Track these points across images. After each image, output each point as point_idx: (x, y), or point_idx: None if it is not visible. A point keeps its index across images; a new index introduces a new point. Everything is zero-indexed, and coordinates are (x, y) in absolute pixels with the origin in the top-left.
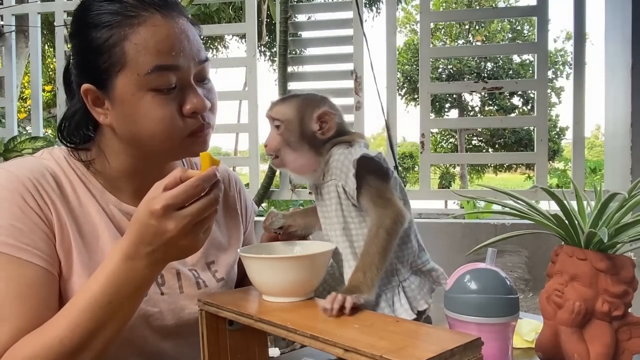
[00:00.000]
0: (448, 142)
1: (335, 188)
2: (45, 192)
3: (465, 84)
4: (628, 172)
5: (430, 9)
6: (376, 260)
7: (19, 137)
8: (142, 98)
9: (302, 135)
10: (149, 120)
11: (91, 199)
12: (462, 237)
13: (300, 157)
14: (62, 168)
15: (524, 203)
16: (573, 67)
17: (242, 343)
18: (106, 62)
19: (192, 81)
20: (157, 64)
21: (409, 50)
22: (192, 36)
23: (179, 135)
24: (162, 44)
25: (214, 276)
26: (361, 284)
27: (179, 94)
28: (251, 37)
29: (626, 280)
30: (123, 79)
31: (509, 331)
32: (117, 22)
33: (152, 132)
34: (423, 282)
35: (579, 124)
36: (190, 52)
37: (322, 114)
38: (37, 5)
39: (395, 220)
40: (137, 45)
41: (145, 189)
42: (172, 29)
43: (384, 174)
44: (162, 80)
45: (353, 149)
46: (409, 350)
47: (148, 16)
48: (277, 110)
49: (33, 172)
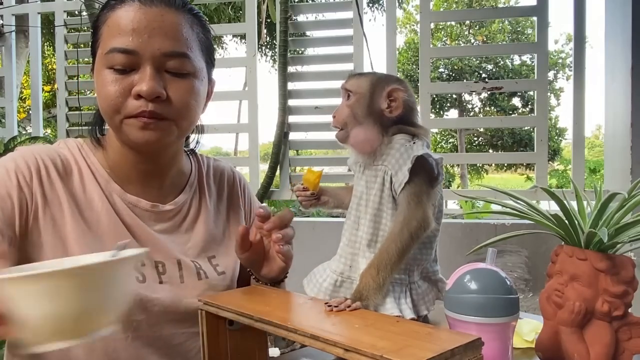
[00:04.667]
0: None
1: (383, 174)
2: (46, 175)
3: (465, 84)
4: (628, 172)
5: (430, 9)
6: (393, 259)
7: (19, 137)
8: (100, 74)
9: (370, 110)
10: (100, 96)
11: (96, 186)
12: (462, 237)
13: (364, 132)
14: (73, 156)
15: (524, 203)
16: (573, 67)
17: (242, 343)
18: (94, 42)
19: (148, 67)
20: (113, 45)
21: (409, 50)
22: (167, 26)
23: (121, 114)
24: (125, 27)
25: (215, 269)
26: (372, 288)
27: (134, 77)
28: (251, 37)
29: (626, 280)
30: (97, 58)
31: (509, 331)
32: (105, 8)
33: (102, 107)
34: (429, 289)
35: (579, 124)
36: (155, 39)
37: (392, 90)
38: (37, 5)
39: (420, 224)
40: (107, 27)
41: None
42: (143, 15)
43: (433, 178)
44: (114, 60)
45: (415, 144)
46: (410, 350)
47: (127, 2)
48: (352, 82)
49: (44, 156)
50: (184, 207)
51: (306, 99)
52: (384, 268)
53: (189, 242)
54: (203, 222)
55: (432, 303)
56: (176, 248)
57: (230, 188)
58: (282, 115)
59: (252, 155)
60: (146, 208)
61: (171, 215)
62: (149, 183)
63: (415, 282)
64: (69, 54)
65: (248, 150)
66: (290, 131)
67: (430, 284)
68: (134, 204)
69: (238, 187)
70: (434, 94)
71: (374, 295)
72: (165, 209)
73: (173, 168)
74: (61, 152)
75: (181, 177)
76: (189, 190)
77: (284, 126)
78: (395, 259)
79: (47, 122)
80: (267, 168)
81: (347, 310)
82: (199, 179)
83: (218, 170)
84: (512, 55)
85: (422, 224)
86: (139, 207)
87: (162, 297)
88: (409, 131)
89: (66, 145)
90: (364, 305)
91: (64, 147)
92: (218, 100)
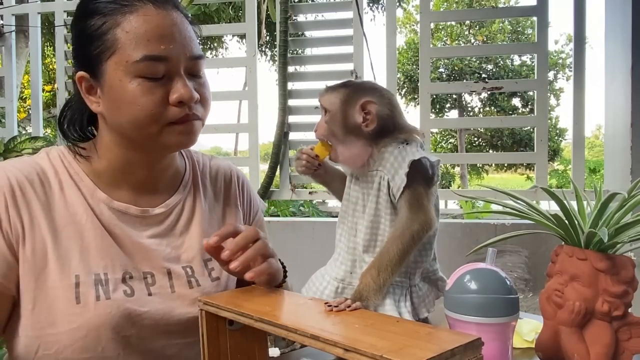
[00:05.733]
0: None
1: (380, 179)
2: (22, 196)
3: (465, 84)
4: (628, 172)
5: (430, 9)
6: (394, 261)
7: (19, 137)
8: (128, 84)
9: (347, 127)
10: (134, 106)
11: (80, 198)
12: (462, 237)
13: (349, 150)
14: (54, 167)
15: (524, 203)
16: (573, 67)
17: (242, 343)
18: (98, 48)
19: (181, 72)
20: (145, 53)
21: (409, 50)
22: (184, 30)
23: (161, 122)
24: (152, 33)
25: (209, 274)
26: (372, 289)
27: (167, 83)
28: (251, 37)
29: (626, 280)
30: (112, 65)
31: (509, 331)
32: (111, 10)
33: (136, 117)
34: (430, 290)
35: (579, 124)
36: (182, 45)
37: (364, 103)
38: (37, 5)
39: (422, 227)
40: (128, 33)
41: (140, 186)
42: (163, 20)
43: (429, 179)
44: (149, 69)
45: (409, 147)
46: (410, 350)
47: (141, 6)
48: (325, 98)
49: (18, 174)
50: (176, 208)
51: (306, 99)
52: (384, 269)
53: (184, 245)
54: (198, 223)
55: (432, 305)
56: (170, 253)
57: (227, 187)
58: (282, 115)
59: (252, 155)
60: (136, 214)
61: (162, 218)
62: (142, 188)
63: (416, 284)
64: (69, 54)
65: (248, 150)
66: (290, 131)
67: (431, 284)
68: (122, 211)
69: (236, 186)
70: (434, 94)
71: (374, 296)
72: (156, 212)
73: (170, 170)
74: (39, 164)
75: (175, 177)
76: (183, 191)
77: (284, 126)
78: (396, 260)
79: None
80: (267, 168)
81: (347, 311)
82: (193, 178)
83: (214, 168)
84: (512, 55)
85: (425, 226)
86: (129, 213)
87: (152, 310)
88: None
89: (47, 156)
90: (363, 306)
91: (44, 157)
92: (218, 100)
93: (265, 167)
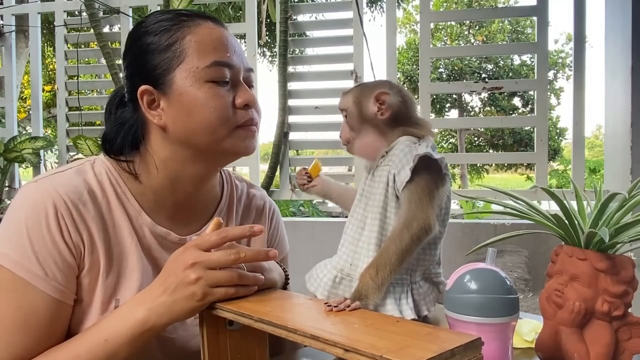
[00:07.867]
0: (448, 142)
1: (387, 174)
2: (79, 216)
3: (465, 84)
4: (628, 172)
5: (430, 9)
6: (393, 260)
7: (19, 137)
8: (199, 88)
9: (363, 118)
10: (206, 109)
11: (126, 220)
12: (462, 237)
13: (364, 140)
14: (100, 185)
15: (524, 203)
16: (573, 67)
17: (242, 343)
18: (166, 59)
19: (241, 80)
20: (215, 59)
21: (409, 50)
22: (238, 45)
23: (231, 125)
24: (217, 42)
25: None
26: (371, 288)
27: (231, 89)
28: (251, 37)
29: (626, 280)
30: (182, 73)
31: (509, 331)
32: (176, 26)
33: (208, 120)
34: (430, 290)
35: (579, 124)
36: (239, 56)
37: (379, 94)
38: (37, 5)
39: (421, 227)
40: (196, 42)
41: (178, 209)
42: (224, 33)
43: (439, 179)
44: (218, 73)
45: (420, 145)
46: (409, 350)
47: (202, 21)
48: (341, 101)
49: (70, 192)
50: None
51: (306, 99)
52: (383, 268)
53: None
54: None
55: (432, 304)
56: None
57: (257, 217)
58: (282, 115)
59: (252, 155)
60: (175, 240)
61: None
62: (179, 211)
63: (417, 282)
64: (69, 54)
65: None
66: (290, 131)
67: (431, 285)
68: (163, 237)
69: (266, 217)
70: (434, 94)
71: (373, 295)
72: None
73: (212, 192)
74: (87, 183)
75: (213, 201)
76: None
77: (284, 126)
78: (395, 260)
79: (47, 122)
80: (267, 168)
81: (347, 310)
82: (229, 203)
83: (250, 196)
84: (512, 55)
85: (423, 226)
86: (168, 239)
87: (177, 338)
88: (414, 133)
89: (92, 169)
90: (363, 305)
91: (89, 171)
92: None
93: (265, 167)
